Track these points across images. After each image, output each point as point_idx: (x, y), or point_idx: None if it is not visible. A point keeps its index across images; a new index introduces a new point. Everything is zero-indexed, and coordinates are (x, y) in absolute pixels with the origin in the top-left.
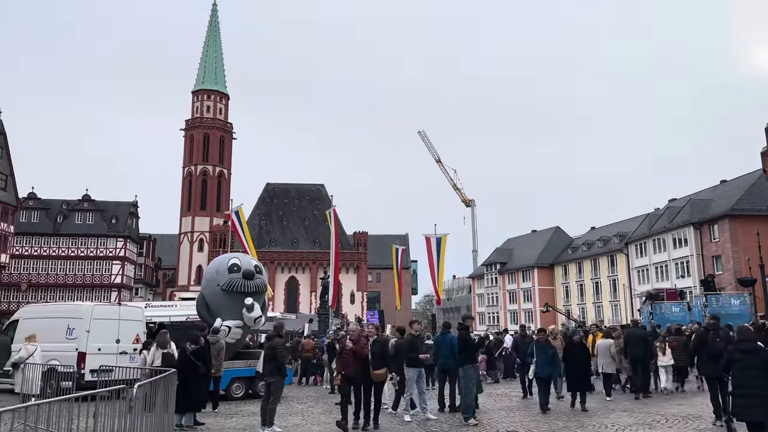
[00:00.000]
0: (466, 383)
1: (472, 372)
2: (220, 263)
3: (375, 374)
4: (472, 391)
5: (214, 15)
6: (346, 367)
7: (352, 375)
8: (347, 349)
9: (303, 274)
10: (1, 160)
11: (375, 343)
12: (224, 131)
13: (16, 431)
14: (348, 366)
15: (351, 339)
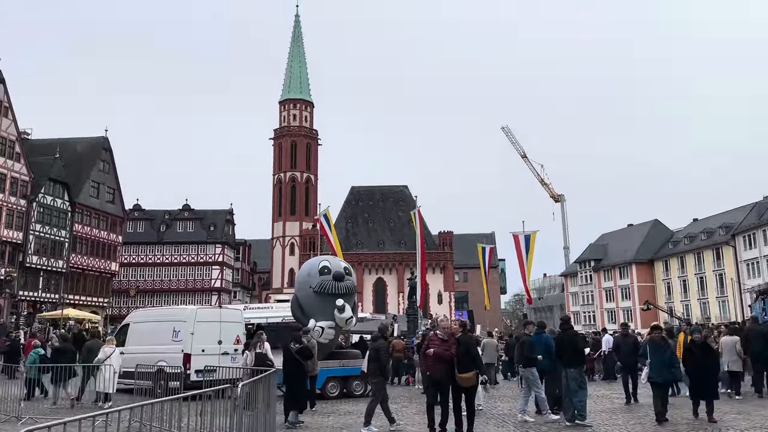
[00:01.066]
0: (570, 384)
1: (575, 374)
2: (311, 266)
3: (462, 378)
4: (577, 392)
5: (297, 26)
6: (430, 367)
7: (438, 377)
8: (431, 351)
9: (390, 275)
10: (108, 175)
11: (461, 343)
12: (310, 138)
13: (132, 429)
14: (433, 367)
15: (440, 335)
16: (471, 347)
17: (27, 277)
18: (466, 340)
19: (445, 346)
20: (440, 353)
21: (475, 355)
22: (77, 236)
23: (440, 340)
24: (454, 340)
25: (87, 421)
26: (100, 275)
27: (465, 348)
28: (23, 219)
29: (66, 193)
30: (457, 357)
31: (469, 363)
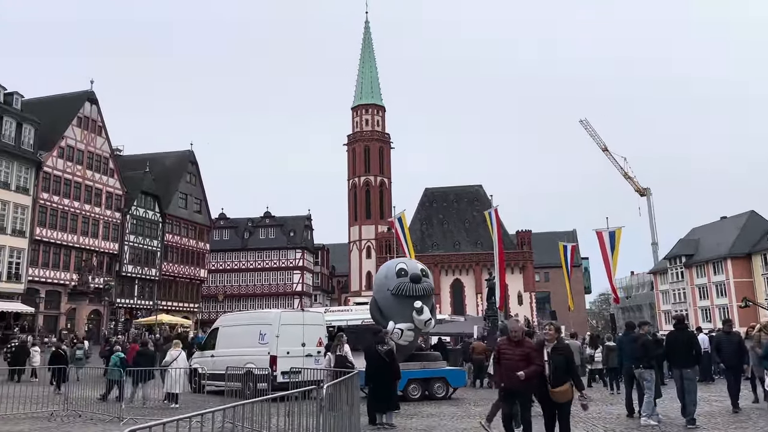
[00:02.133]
0: (687, 385)
1: (692, 374)
2: (388, 268)
3: (556, 393)
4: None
5: (366, 32)
6: (505, 377)
7: (516, 389)
8: (506, 357)
9: (467, 276)
10: (194, 187)
11: (556, 352)
12: (382, 142)
13: (225, 429)
14: (508, 376)
15: (512, 338)
16: (569, 357)
17: (123, 285)
18: (565, 349)
19: (520, 350)
20: (510, 361)
21: (573, 367)
22: (168, 245)
23: (511, 343)
24: (532, 343)
25: (184, 422)
26: (190, 282)
27: (563, 358)
28: (119, 231)
29: (157, 205)
30: (551, 368)
31: (562, 375)
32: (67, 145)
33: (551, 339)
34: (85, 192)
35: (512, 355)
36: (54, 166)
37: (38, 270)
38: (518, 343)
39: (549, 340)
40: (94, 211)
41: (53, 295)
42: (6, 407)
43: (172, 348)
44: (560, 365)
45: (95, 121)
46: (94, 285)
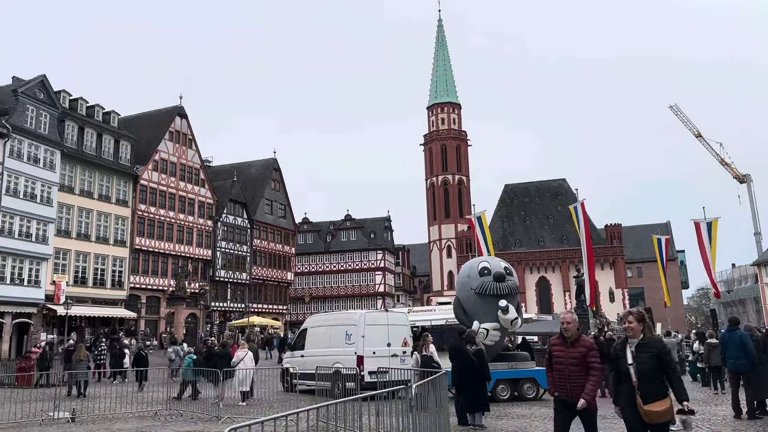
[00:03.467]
0: None
1: None
2: (470, 267)
3: (650, 412)
4: None
5: (440, 31)
6: (558, 384)
7: (570, 399)
8: (558, 360)
9: (553, 273)
10: (279, 193)
11: (643, 349)
12: (459, 140)
13: (320, 428)
14: (561, 383)
15: (565, 336)
16: (664, 357)
17: (217, 289)
18: (656, 345)
19: (574, 352)
20: (562, 365)
21: (671, 370)
22: (256, 250)
23: (564, 342)
24: (590, 342)
25: (281, 420)
26: (278, 284)
27: (654, 359)
28: (211, 238)
29: (245, 212)
30: (637, 373)
31: (656, 383)
32: (160, 158)
33: (634, 332)
34: (178, 202)
35: (564, 358)
36: (149, 179)
37: (139, 277)
38: (573, 342)
39: (632, 335)
40: (188, 219)
41: (153, 301)
42: (114, 407)
43: (240, 349)
44: (650, 369)
45: (185, 134)
46: (190, 290)
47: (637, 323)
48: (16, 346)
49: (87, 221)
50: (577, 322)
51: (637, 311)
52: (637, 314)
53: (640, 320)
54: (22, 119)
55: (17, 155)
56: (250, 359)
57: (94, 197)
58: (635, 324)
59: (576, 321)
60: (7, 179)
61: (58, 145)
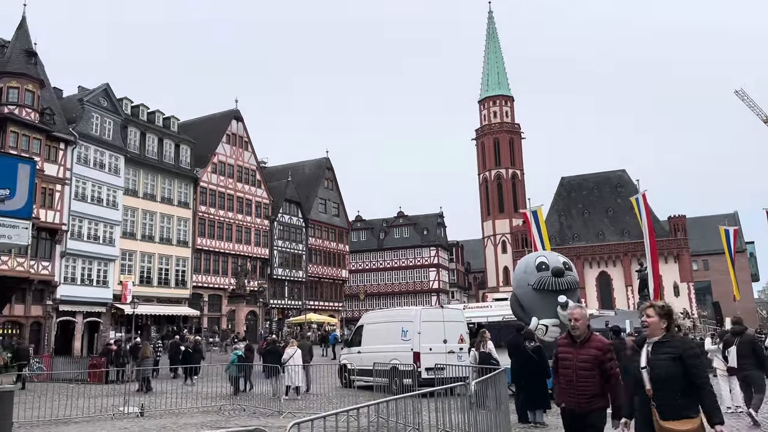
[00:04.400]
0: None
1: None
2: (527, 262)
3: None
4: None
5: (490, 23)
6: (562, 392)
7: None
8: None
9: (614, 267)
10: (332, 192)
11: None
12: (512, 133)
13: (375, 424)
14: (565, 391)
15: (574, 334)
16: (689, 360)
17: (275, 287)
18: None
19: (585, 354)
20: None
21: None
22: (311, 248)
23: (572, 342)
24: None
25: (342, 415)
26: (334, 282)
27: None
28: (268, 237)
29: (299, 211)
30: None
31: (678, 396)
32: (218, 161)
33: (652, 329)
34: (236, 203)
35: (572, 361)
36: (209, 181)
37: (201, 276)
38: (583, 342)
39: (649, 333)
40: (246, 220)
41: (215, 299)
42: (180, 402)
43: (289, 346)
44: (670, 375)
45: (242, 137)
46: (250, 288)
47: (659, 318)
48: (87, 344)
49: (151, 223)
50: (588, 318)
51: (661, 305)
52: (659, 308)
53: (664, 315)
54: (87, 126)
55: (84, 161)
56: (299, 356)
57: (156, 200)
58: (655, 319)
59: (586, 317)
60: (75, 184)
61: (122, 151)
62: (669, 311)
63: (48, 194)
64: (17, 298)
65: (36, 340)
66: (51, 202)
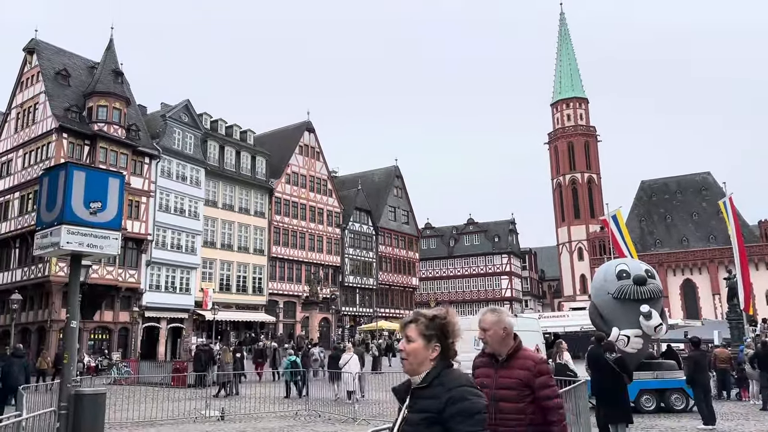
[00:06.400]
0: None
1: None
2: (607, 270)
3: None
4: None
5: (562, 25)
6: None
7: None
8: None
9: (700, 275)
10: (401, 199)
11: (416, 401)
12: (587, 136)
13: None
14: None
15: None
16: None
17: (347, 294)
18: (447, 395)
19: (506, 376)
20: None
21: None
22: (382, 256)
23: (492, 360)
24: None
25: None
26: (404, 289)
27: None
28: (339, 245)
29: (369, 219)
30: None
31: None
32: (292, 171)
33: (413, 365)
34: (309, 212)
35: (490, 388)
36: (283, 191)
37: (276, 283)
38: (505, 360)
39: (409, 370)
40: (318, 228)
41: (289, 306)
42: (258, 406)
43: (345, 352)
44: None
45: (313, 147)
46: (322, 295)
47: (424, 342)
48: (171, 349)
49: (229, 232)
50: (506, 326)
51: (432, 315)
52: (425, 323)
53: (434, 336)
54: (170, 141)
55: (167, 174)
56: (354, 362)
57: (234, 210)
58: (417, 345)
59: (504, 324)
60: (159, 196)
61: (202, 164)
62: (443, 326)
63: (134, 206)
64: (107, 304)
65: (123, 345)
66: (137, 214)
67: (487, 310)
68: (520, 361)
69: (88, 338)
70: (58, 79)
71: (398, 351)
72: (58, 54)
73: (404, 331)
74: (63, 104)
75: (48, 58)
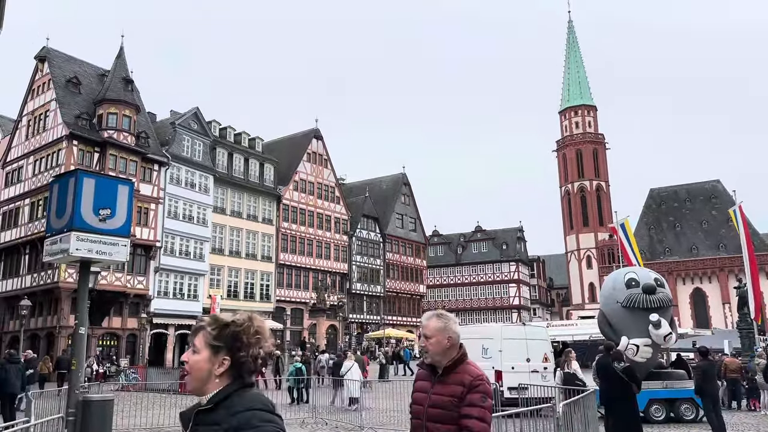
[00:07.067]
0: None
1: None
2: (615, 279)
3: None
4: None
5: (570, 33)
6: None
7: None
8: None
9: (710, 284)
10: (409, 207)
11: (198, 428)
12: (596, 143)
13: None
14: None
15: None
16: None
17: (354, 302)
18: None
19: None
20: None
21: None
22: (389, 263)
23: (432, 372)
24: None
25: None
26: (411, 297)
27: None
28: (347, 252)
29: (377, 226)
30: None
31: None
32: (300, 178)
33: (196, 381)
34: (317, 219)
35: (423, 403)
36: (291, 198)
37: (283, 290)
38: (445, 373)
39: (192, 389)
40: (325, 235)
41: (297, 313)
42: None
43: (347, 360)
44: None
45: (321, 155)
46: (330, 302)
47: (209, 353)
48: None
49: (237, 239)
50: (451, 335)
51: (219, 321)
52: (212, 330)
53: (222, 347)
54: (179, 148)
55: (176, 181)
56: (356, 369)
57: (243, 217)
58: (202, 356)
59: (447, 332)
60: (168, 203)
61: (211, 171)
62: (237, 335)
63: (143, 213)
64: (115, 311)
65: (132, 351)
66: (146, 220)
67: (433, 315)
68: (458, 375)
69: (97, 344)
70: (68, 86)
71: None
72: (69, 62)
73: (192, 340)
74: (73, 111)
75: (59, 66)
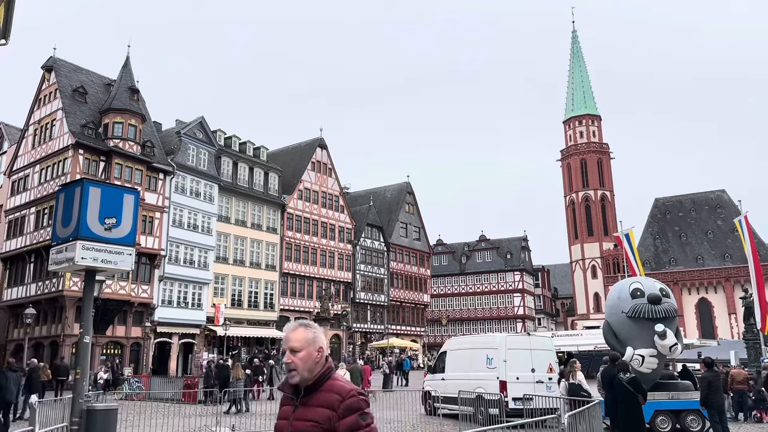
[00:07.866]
0: None
1: None
2: (621, 289)
3: None
4: None
5: (575, 42)
6: None
7: None
8: (278, 425)
9: (715, 294)
10: (413, 216)
11: None
12: (600, 153)
13: None
14: None
15: (294, 380)
16: None
17: (358, 311)
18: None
19: (302, 415)
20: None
21: None
22: (393, 272)
23: (293, 392)
24: (344, 390)
25: None
26: (415, 306)
27: None
28: (351, 261)
29: (381, 235)
30: None
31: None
32: (304, 187)
33: None
34: (321, 228)
35: (284, 428)
36: (295, 207)
37: (287, 299)
38: (308, 393)
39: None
40: (329, 244)
41: None
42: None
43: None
44: None
45: (326, 164)
46: (333, 311)
47: None
48: (182, 364)
49: (242, 248)
50: (322, 346)
51: None
52: None
53: None
54: (184, 157)
55: (181, 190)
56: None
57: (247, 226)
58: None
59: (317, 343)
60: (173, 212)
61: (216, 180)
62: None
63: (148, 221)
64: (119, 319)
65: (135, 360)
66: (151, 229)
67: (299, 325)
68: (324, 395)
69: (101, 353)
70: (75, 96)
71: None
72: (76, 71)
73: None
74: (80, 121)
75: (65, 75)
